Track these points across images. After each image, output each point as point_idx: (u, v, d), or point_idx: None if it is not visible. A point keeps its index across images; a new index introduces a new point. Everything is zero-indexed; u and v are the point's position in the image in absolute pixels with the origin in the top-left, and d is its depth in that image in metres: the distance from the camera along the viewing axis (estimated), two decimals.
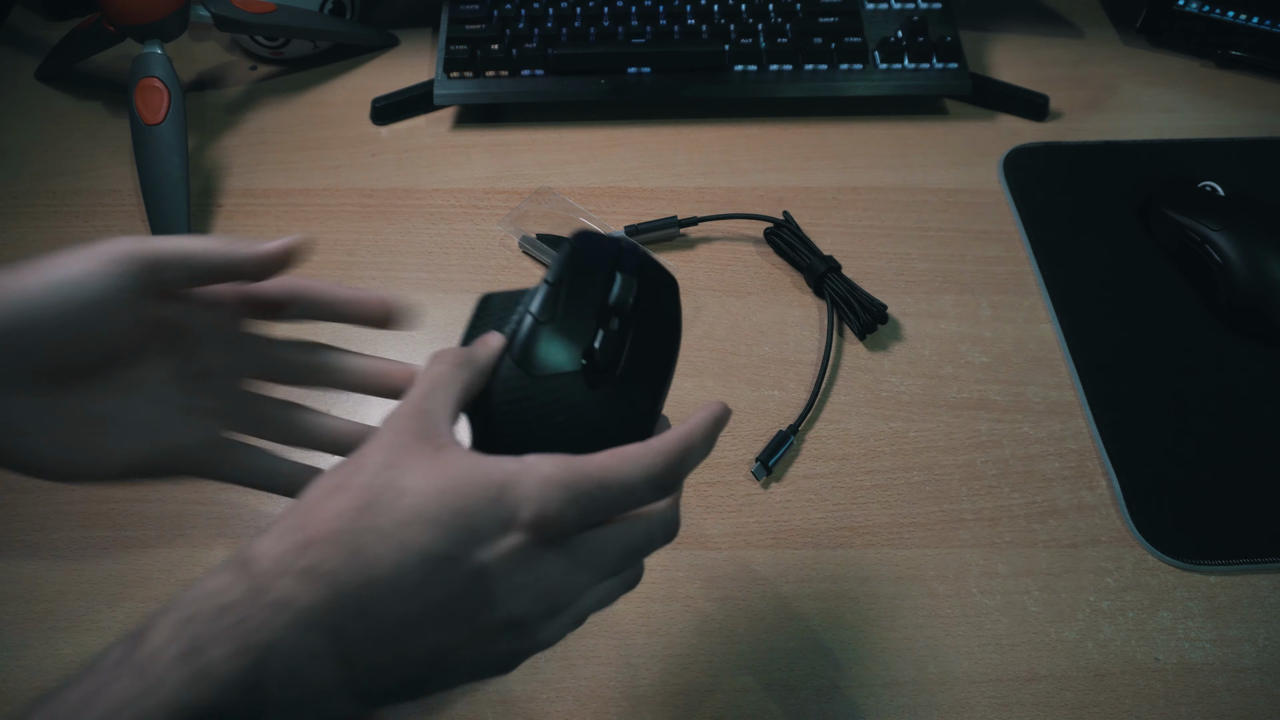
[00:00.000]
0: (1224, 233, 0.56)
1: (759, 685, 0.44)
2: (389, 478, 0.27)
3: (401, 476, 0.27)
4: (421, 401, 0.30)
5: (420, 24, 0.75)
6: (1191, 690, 0.44)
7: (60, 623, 0.46)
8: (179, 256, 0.32)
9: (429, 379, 0.30)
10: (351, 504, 0.27)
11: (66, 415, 0.32)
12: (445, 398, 0.30)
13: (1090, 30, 0.75)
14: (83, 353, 0.31)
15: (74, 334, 0.30)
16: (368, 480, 0.27)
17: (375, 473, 0.27)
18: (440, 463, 0.28)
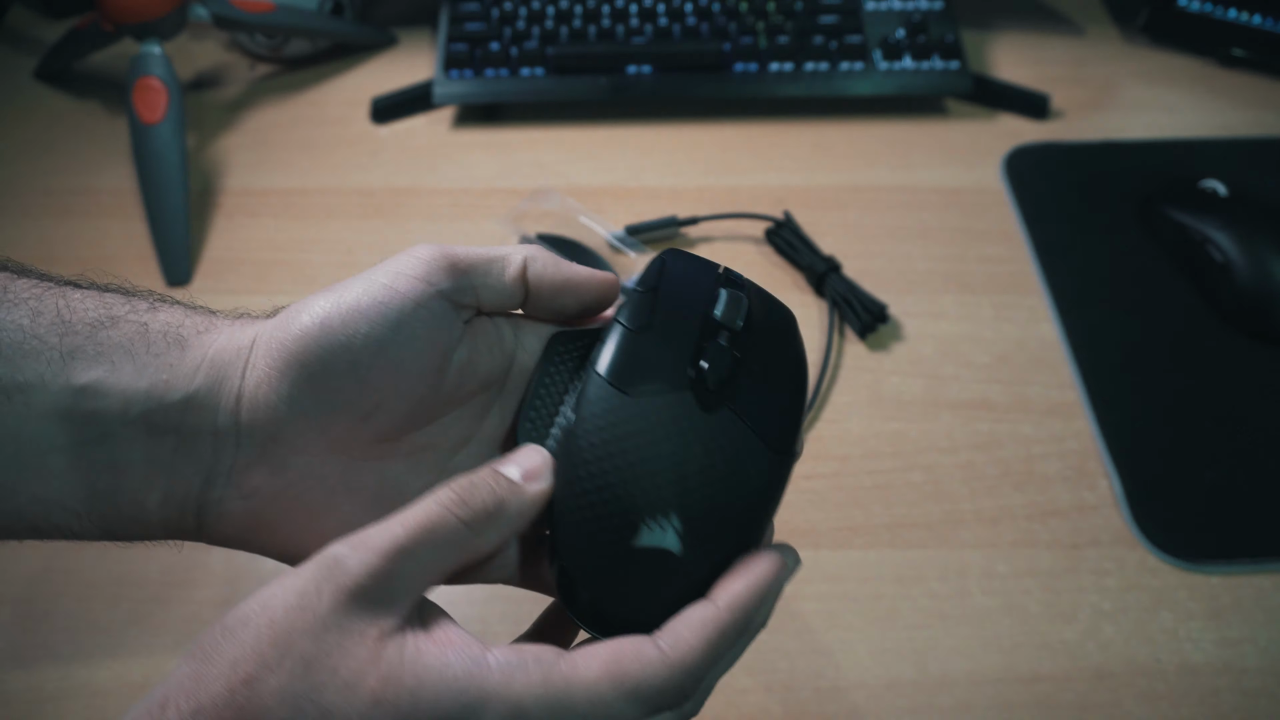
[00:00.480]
0: (1225, 232, 0.56)
1: (759, 685, 0.44)
2: (308, 684, 0.22)
3: (325, 686, 0.22)
4: (391, 560, 0.23)
5: (419, 23, 0.75)
6: (1193, 691, 0.43)
7: (59, 623, 0.46)
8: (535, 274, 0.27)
9: (417, 523, 0.24)
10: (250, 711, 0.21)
11: (361, 489, 0.27)
12: (428, 564, 0.24)
13: (1091, 29, 0.75)
14: (403, 393, 0.27)
15: (401, 364, 0.26)
16: (284, 683, 0.22)
17: (291, 669, 0.22)
18: (381, 668, 0.22)
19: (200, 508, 0.26)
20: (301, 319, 0.26)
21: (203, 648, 0.23)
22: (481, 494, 0.25)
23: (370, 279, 0.26)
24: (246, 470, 0.26)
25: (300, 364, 0.25)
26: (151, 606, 0.46)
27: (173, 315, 0.27)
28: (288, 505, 0.27)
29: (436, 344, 0.27)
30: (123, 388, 0.25)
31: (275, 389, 0.26)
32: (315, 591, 0.23)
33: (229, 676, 0.22)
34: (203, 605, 0.46)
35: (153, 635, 0.45)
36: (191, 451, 0.26)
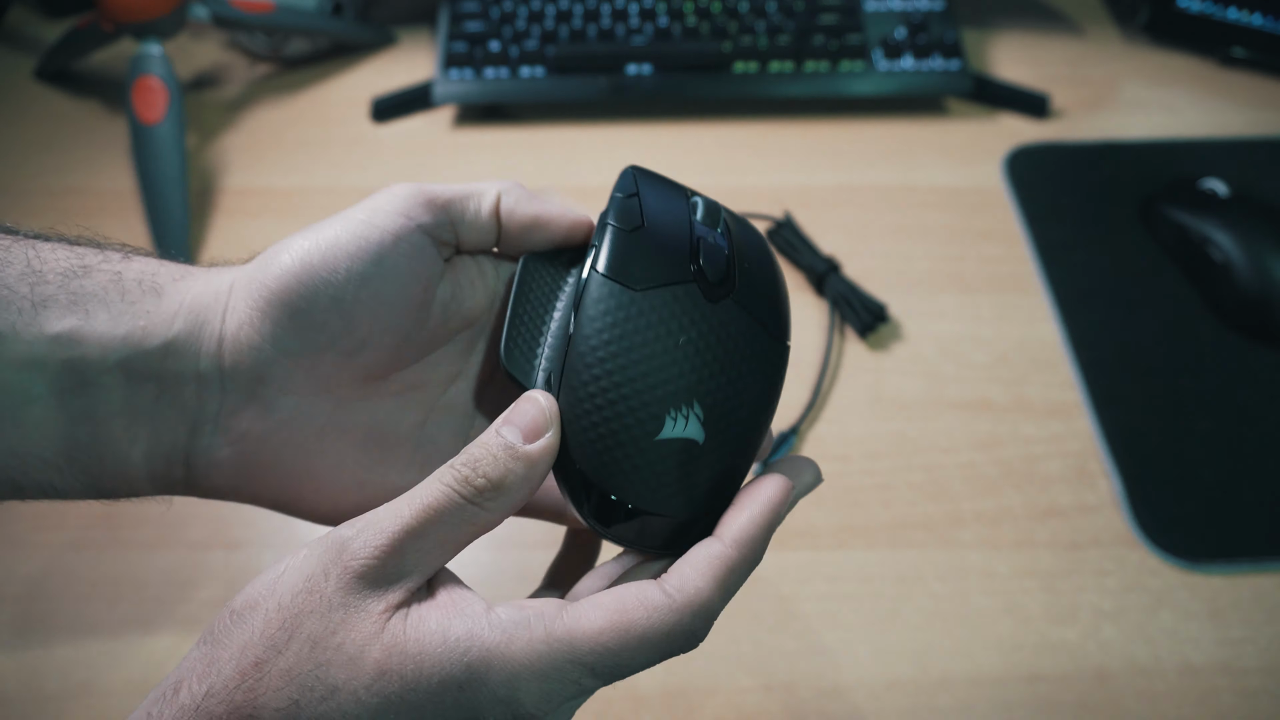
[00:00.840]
0: (1226, 232, 0.56)
1: (759, 685, 0.44)
2: (314, 662, 0.22)
3: (331, 663, 0.22)
4: (397, 541, 0.23)
5: (419, 22, 0.75)
6: (1193, 691, 0.43)
7: (60, 623, 0.46)
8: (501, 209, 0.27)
9: (424, 505, 0.23)
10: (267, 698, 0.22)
11: (351, 428, 0.27)
12: (434, 545, 0.23)
13: (1092, 29, 0.75)
14: (389, 327, 0.27)
15: (384, 298, 0.26)
16: (291, 663, 0.22)
17: (298, 650, 0.22)
18: (385, 639, 0.22)
19: (188, 457, 0.26)
20: (281, 258, 0.26)
21: (213, 632, 0.23)
22: (485, 468, 0.24)
23: (349, 216, 0.27)
24: (234, 415, 0.26)
25: (282, 302, 0.25)
26: (151, 606, 0.46)
27: (146, 265, 0.27)
28: (277, 448, 0.26)
29: (419, 277, 0.27)
30: (99, 335, 0.24)
31: (258, 329, 0.25)
32: (322, 574, 0.23)
33: (239, 660, 0.22)
34: (203, 605, 0.46)
35: (153, 635, 0.45)
36: (175, 399, 0.25)
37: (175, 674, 0.23)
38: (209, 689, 0.22)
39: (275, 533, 0.48)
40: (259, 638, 0.22)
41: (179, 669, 0.23)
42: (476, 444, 0.24)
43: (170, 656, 0.45)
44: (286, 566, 0.23)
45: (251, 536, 0.48)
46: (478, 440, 0.24)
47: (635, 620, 0.22)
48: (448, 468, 0.24)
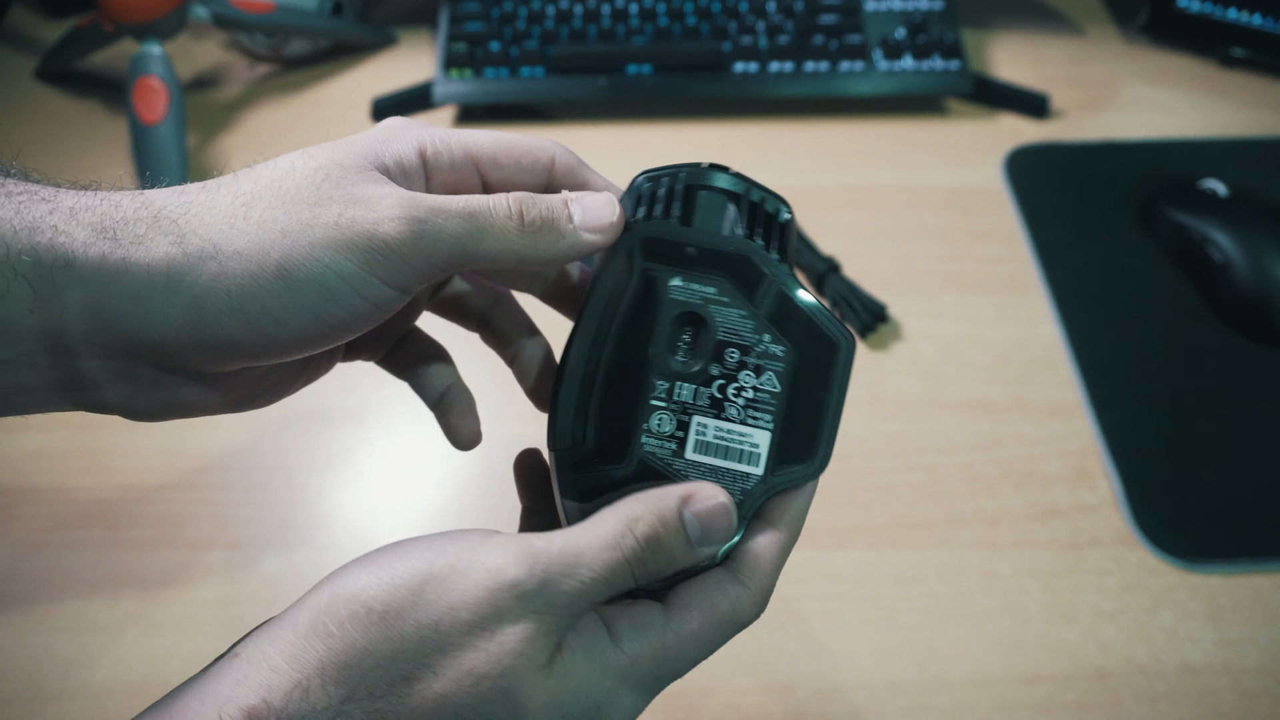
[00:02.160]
0: (1225, 232, 0.56)
1: (759, 685, 0.44)
2: (475, 696, 0.22)
3: (494, 705, 0.22)
4: (574, 601, 0.23)
5: (419, 22, 0.75)
6: (1193, 691, 0.43)
7: (60, 623, 0.46)
8: None
9: (604, 568, 0.23)
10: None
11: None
12: (597, 600, 0.24)
13: (1091, 29, 0.75)
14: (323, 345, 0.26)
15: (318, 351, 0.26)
16: (445, 691, 0.22)
17: (457, 680, 0.22)
18: (551, 686, 0.23)
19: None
20: (217, 302, 0.23)
21: (343, 628, 0.22)
22: (661, 557, 0.24)
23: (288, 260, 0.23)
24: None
25: (211, 350, 0.23)
26: (151, 606, 0.46)
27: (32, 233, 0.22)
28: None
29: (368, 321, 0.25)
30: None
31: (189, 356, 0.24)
32: (496, 617, 0.22)
33: (387, 670, 0.22)
34: (203, 605, 0.46)
35: (153, 635, 0.45)
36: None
37: (290, 669, 0.21)
38: (349, 693, 0.21)
39: (275, 533, 0.48)
40: (413, 651, 0.22)
41: (296, 662, 0.22)
42: (660, 522, 0.24)
43: (170, 657, 0.45)
44: (436, 577, 0.22)
45: (251, 536, 0.48)
46: (661, 517, 0.24)
47: (723, 611, 0.25)
48: (630, 536, 0.24)
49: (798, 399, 0.26)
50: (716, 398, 0.26)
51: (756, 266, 0.26)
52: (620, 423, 0.26)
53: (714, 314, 0.26)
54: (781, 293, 0.26)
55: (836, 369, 0.26)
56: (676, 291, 0.26)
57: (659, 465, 0.26)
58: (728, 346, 0.26)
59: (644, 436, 0.26)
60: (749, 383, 0.26)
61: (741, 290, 0.26)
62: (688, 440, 0.26)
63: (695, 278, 0.26)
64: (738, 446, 0.26)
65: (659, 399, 0.26)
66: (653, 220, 0.26)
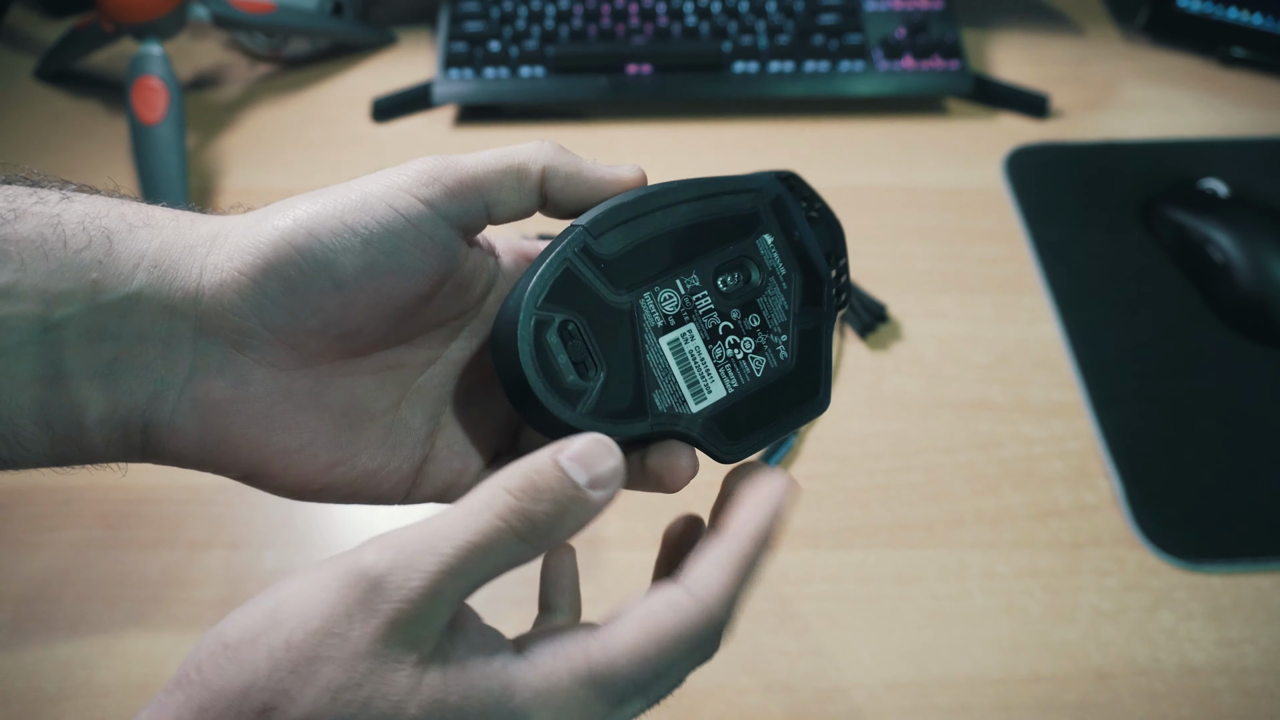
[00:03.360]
0: (1225, 232, 0.56)
1: (759, 685, 0.44)
2: (338, 715, 0.20)
3: (357, 718, 0.20)
4: (437, 584, 0.20)
5: (419, 22, 0.75)
6: (1193, 691, 0.43)
7: (60, 623, 0.46)
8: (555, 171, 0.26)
9: (469, 541, 0.21)
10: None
11: (327, 406, 0.25)
12: (475, 581, 0.21)
13: (1092, 29, 0.75)
14: (387, 316, 0.24)
15: (389, 292, 0.24)
16: (304, 714, 0.20)
17: (315, 699, 0.20)
18: (423, 694, 0.20)
19: (147, 425, 0.23)
20: (283, 222, 0.23)
21: (200, 670, 0.20)
22: (544, 506, 0.22)
23: (366, 191, 0.23)
24: (202, 383, 0.23)
25: (278, 274, 0.23)
26: (151, 606, 0.46)
27: (91, 205, 0.23)
28: (246, 421, 0.24)
29: (433, 275, 0.24)
30: (40, 290, 0.22)
31: (244, 295, 0.23)
32: (345, 616, 0.20)
33: (239, 705, 0.20)
34: (203, 605, 0.46)
35: (153, 635, 0.45)
36: (136, 360, 0.23)
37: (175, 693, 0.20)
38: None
39: (275, 533, 0.48)
40: (265, 680, 0.20)
41: (155, 715, 0.20)
42: (534, 471, 0.22)
43: (170, 656, 0.45)
44: (289, 596, 0.21)
45: (251, 536, 0.48)
46: (534, 467, 0.22)
47: (667, 624, 0.22)
48: (502, 492, 0.22)
49: (763, 399, 0.27)
50: (717, 331, 0.27)
51: (823, 294, 0.28)
52: (642, 270, 0.26)
53: (770, 283, 0.28)
54: (822, 327, 0.28)
55: (802, 413, 0.28)
56: (763, 245, 0.28)
57: (638, 324, 0.26)
58: (756, 312, 0.27)
59: (649, 293, 0.26)
60: (746, 349, 0.27)
61: (801, 295, 0.28)
62: (673, 331, 0.26)
63: (784, 252, 0.28)
64: (698, 376, 0.27)
65: (682, 284, 0.27)
66: (802, 196, 0.29)
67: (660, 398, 0.26)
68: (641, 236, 0.26)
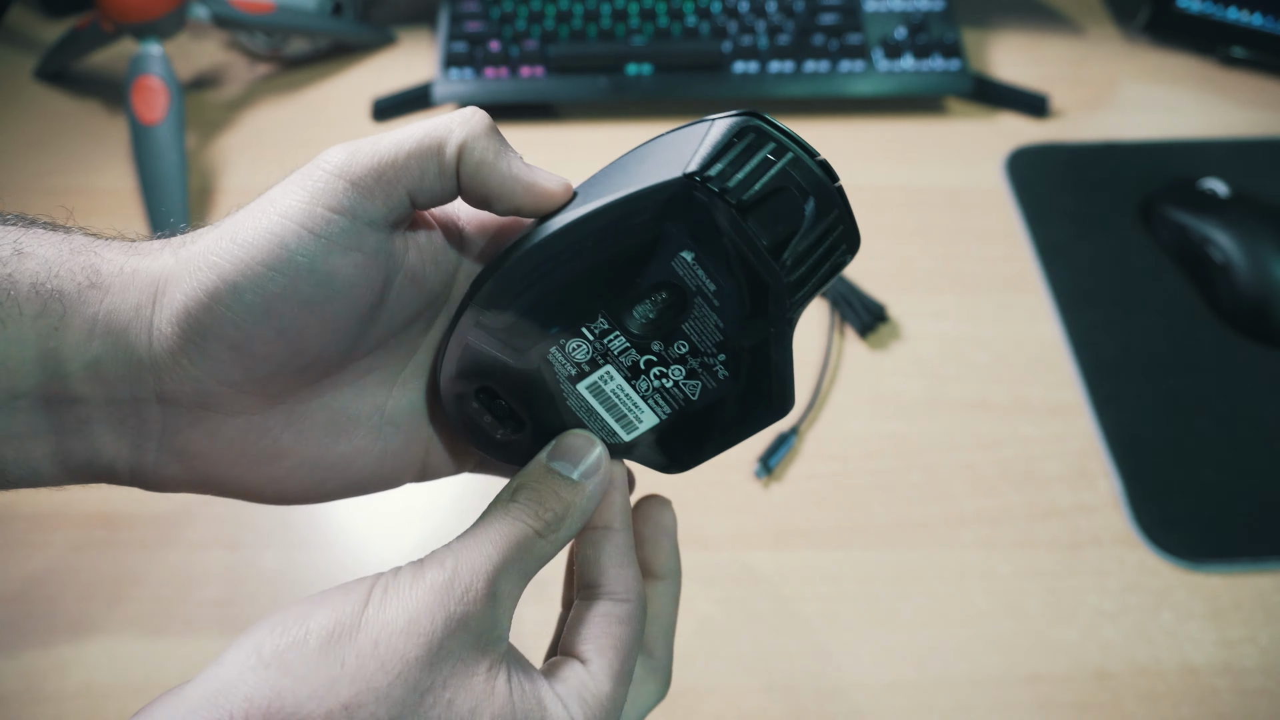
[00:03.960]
0: (1225, 232, 0.56)
1: (759, 685, 0.44)
2: (421, 716, 0.21)
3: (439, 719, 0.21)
4: (494, 583, 0.22)
5: (419, 22, 0.75)
6: (1193, 691, 0.43)
7: (60, 623, 0.46)
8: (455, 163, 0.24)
9: (505, 541, 0.23)
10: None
11: (309, 427, 0.25)
12: (517, 581, 0.23)
13: (1092, 28, 0.75)
14: (340, 337, 0.24)
15: (332, 315, 0.23)
16: (388, 713, 0.20)
17: (401, 699, 0.21)
18: (496, 702, 0.22)
19: (135, 470, 0.24)
20: (208, 279, 0.22)
21: (282, 657, 0.20)
22: (550, 504, 0.24)
23: (282, 222, 0.22)
24: (179, 435, 0.23)
25: (218, 337, 0.22)
26: (151, 606, 0.46)
27: (44, 259, 0.23)
28: (231, 462, 0.24)
29: (372, 284, 0.23)
30: (2, 359, 0.21)
31: (194, 361, 0.22)
32: (428, 616, 0.21)
33: (324, 697, 0.20)
34: (203, 605, 0.46)
35: (153, 635, 0.45)
36: (109, 420, 0.23)
37: (225, 699, 0.20)
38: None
39: (275, 532, 0.48)
40: (352, 675, 0.20)
41: (231, 693, 0.20)
42: (531, 479, 0.25)
43: (170, 657, 0.45)
44: (371, 595, 0.22)
45: (251, 537, 0.48)
46: (531, 475, 0.25)
47: (623, 636, 0.25)
48: (512, 505, 0.24)
49: (704, 418, 0.26)
50: (639, 366, 0.25)
51: (768, 305, 0.24)
52: (545, 326, 0.25)
53: (696, 307, 0.24)
54: (765, 342, 0.25)
55: (754, 421, 0.27)
56: (680, 264, 0.24)
57: (549, 377, 0.26)
58: (683, 339, 0.25)
59: (555, 348, 0.25)
60: (675, 378, 0.26)
61: (737, 309, 0.24)
62: (588, 377, 0.26)
63: (708, 267, 0.24)
64: (624, 411, 0.26)
65: (591, 331, 0.25)
66: (717, 188, 0.23)
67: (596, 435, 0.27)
68: (537, 296, 0.25)
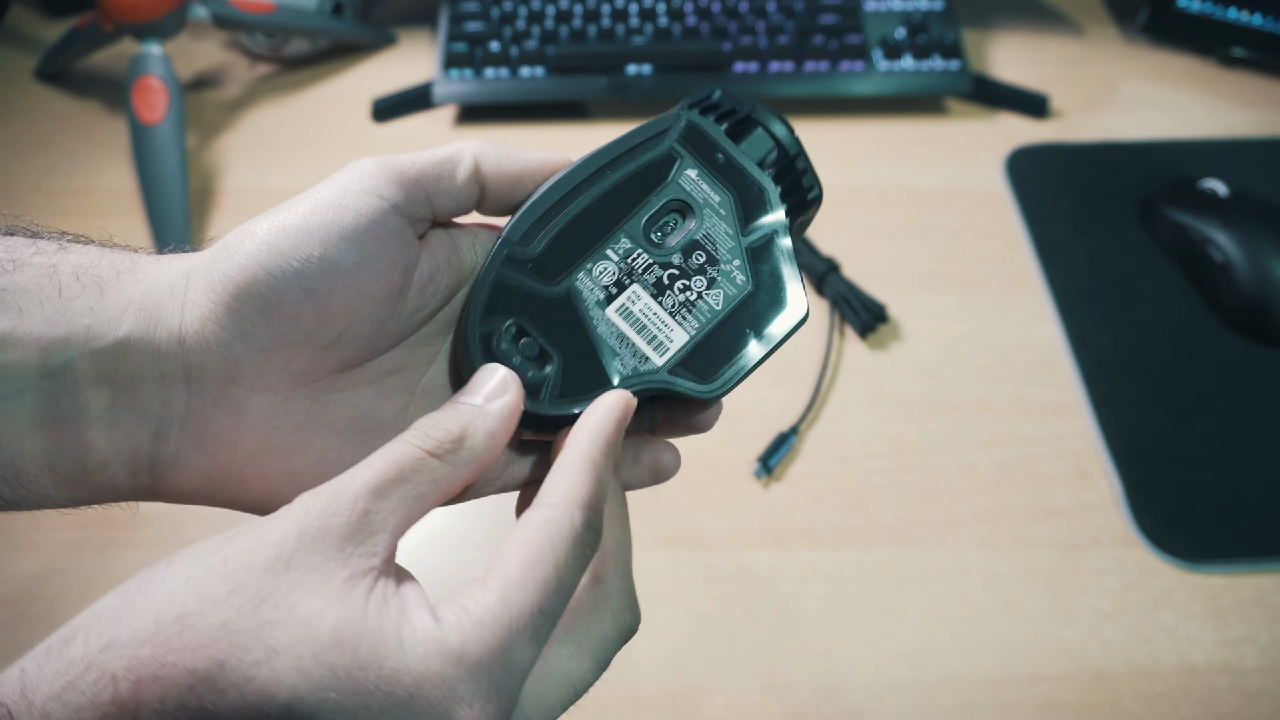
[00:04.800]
0: (1225, 232, 0.56)
1: (759, 685, 0.44)
2: (257, 620, 0.19)
3: (277, 624, 0.19)
4: (361, 501, 0.21)
5: (419, 22, 0.75)
6: (1193, 691, 0.43)
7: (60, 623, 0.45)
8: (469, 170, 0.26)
9: (385, 463, 0.22)
10: (188, 655, 0.19)
11: (331, 422, 0.25)
12: (401, 502, 0.22)
13: (1091, 29, 0.75)
14: (366, 317, 0.25)
15: (361, 287, 0.24)
16: (228, 617, 0.19)
17: (239, 605, 0.20)
18: (346, 606, 0.20)
19: (154, 464, 0.24)
20: (245, 245, 0.23)
21: (137, 580, 0.21)
22: (444, 423, 0.24)
23: (316, 196, 0.24)
24: (202, 418, 0.24)
25: (250, 295, 0.23)
26: None
27: (85, 256, 0.24)
28: (254, 449, 0.25)
29: (397, 263, 0.25)
30: (36, 337, 0.22)
31: (224, 325, 0.23)
32: (279, 532, 0.21)
33: (160, 610, 0.19)
34: None
35: None
36: (134, 403, 0.24)
37: (73, 623, 0.20)
38: (110, 640, 0.19)
39: None
40: (192, 587, 0.20)
41: (80, 617, 0.20)
42: (435, 412, 0.24)
43: None
44: (241, 528, 0.22)
45: None
46: (435, 412, 0.25)
47: (540, 540, 0.22)
48: (405, 431, 0.24)
49: (731, 327, 0.27)
50: (663, 282, 0.27)
51: (766, 204, 0.27)
52: (571, 254, 0.27)
53: (705, 215, 0.27)
54: (774, 238, 0.27)
55: (778, 326, 0.27)
56: (687, 181, 0.28)
57: (579, 304, 0.27)
58: (699, 249, 0.27)
59: (583, 273, 0.27)
60: (699, 289, 0.27)
61: (741, 215, 0.27)
62: (617, 299, 0.27)
63: (710, 180, 0.28)
64: (655, 331, 0.27)
65: (614, 252, 0.27)
66: (713, 115, 0.28)
67: (621, 363, 0.26)
68: (562, 224, 0.27)
